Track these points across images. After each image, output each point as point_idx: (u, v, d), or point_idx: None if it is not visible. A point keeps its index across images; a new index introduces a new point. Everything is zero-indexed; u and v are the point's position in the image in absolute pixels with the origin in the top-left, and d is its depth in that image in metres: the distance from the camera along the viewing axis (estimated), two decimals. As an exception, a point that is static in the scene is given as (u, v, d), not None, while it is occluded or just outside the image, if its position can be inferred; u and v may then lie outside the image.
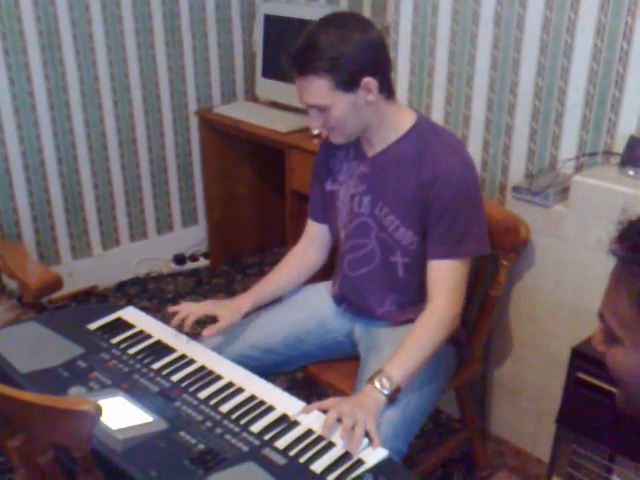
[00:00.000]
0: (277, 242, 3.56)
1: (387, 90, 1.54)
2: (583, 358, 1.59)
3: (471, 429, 2.02)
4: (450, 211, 1.54)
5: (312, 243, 1.82)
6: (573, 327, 1.76)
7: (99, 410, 1.04)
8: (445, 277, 1.56)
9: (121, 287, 3.22)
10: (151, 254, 3.32)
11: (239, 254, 3.50)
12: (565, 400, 1.65)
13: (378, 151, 1.62)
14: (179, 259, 3.41)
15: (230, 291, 3.19)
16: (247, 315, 1.71)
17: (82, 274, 3.06)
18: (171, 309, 1.67)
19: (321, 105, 1.50)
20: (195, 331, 1.66)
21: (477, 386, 2.08)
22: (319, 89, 1.47)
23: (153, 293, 3.18)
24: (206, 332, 1.59)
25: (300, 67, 1.48)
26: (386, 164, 1.61)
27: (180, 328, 1.62)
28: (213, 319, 1.65)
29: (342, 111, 1.50)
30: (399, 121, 1.59)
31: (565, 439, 1.69)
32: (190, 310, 1.63)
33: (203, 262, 3.44)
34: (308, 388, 2.10)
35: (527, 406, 1.98)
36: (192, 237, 3.45)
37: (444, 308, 1.55)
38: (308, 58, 1.46)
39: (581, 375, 1.59)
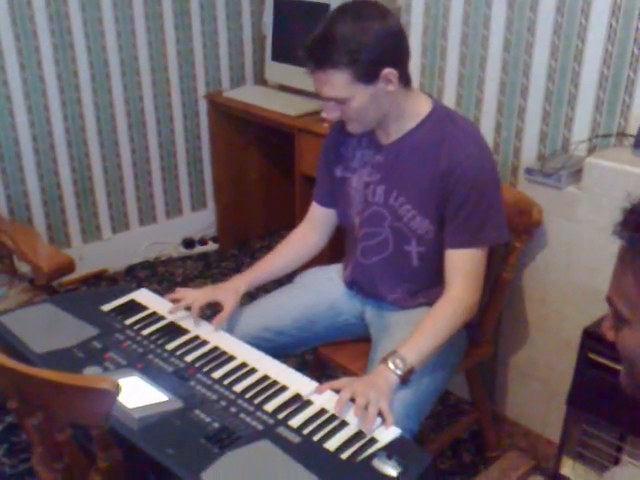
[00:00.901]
0: (285, 226, 3.56)
1: (405, 79, 1.52)
2: (594, 339, 1.60)
3: (481, 410, 2.03)
4: (469, 200, 1.52)
5: (314, 226, 1.81)
6: (585, 309, 1.77)
7: (118, 388, 1.05)
8: (464, 266, 1.55)
9: (131, 271, 3.24)
10: (160, 238, 3.33)
11: (248, 238, 3.51)
12: (576, 381, 1.66)
13: (394, 140, 1.60)
14: (188, 243, 3.42)
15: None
16: (244, 296, 1.71)
17: (92, 258, 3.07)
18: (169, 297, 1.67)
19: (340, 98, 1.47)
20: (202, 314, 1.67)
21: (487, 368, 2.09)
22: (338, 82, 1.44)
23: (163, 276, 3.20)
24: (215, 322, 1.60)
25: (318, 60, 1.44)
26: (402, 153, 1.59)
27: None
28: (215, 305, 1.66)
29: (361, 103, 1.48)
30: (416, 109, 1.57)
31: (575, 419, 1.71)
32: (193, 298, 1.63)
33: (212, 246, 3.45)
34: (318, 369, 2.11)
35: (537, 387, 1.99)
36: (201, 221, 3.46)
37: (463, 296, 1.54)
38: (326, 51, 1.42)
39: (592, 356, 1.60)
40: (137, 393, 1.34)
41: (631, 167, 1.62)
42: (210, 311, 1.79)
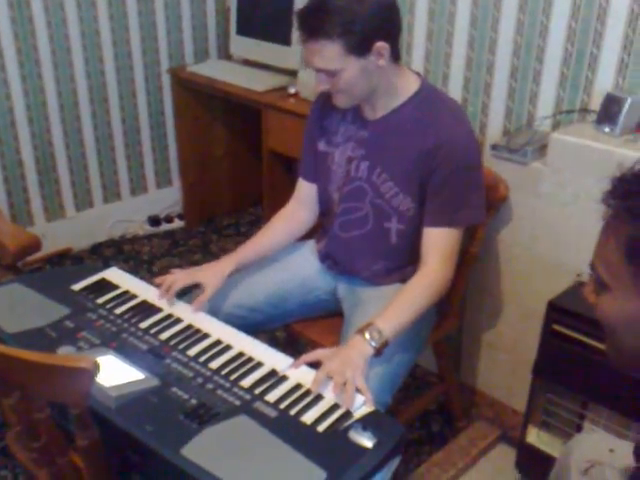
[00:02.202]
0: (252, 202, 3.56)
1: (395, 54, 1.52)
2: (559, 311, 1.65)
3: (448, 382, 2.08)
4: (452, 180, 1.54)
5: (302, 203, 1.80)
6: (548, 281, 1.81)
7: (97, 367, 1.05)
8: (441, 243, 1.57)
9: (96, 249, 3.20)
10: (125, 216, 3.29)
11: (214, 215, 3.49)
12: (541, 351, 1.71)
13: (380, 116, 1.60)
14: (154, 220, 3.39)
15: (206, 252, 3.20)
16: (231, 276, 1.71)
17: (56, 236, 3.03)
18: (158, 280, 1.65)
19: (331, 70, 1.47)
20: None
21: (453, 340, 2.14)
22: (331, 53, 1.44)
23: (129, 255, 3.17)
24: (195, 305, 1.58)
25: (312, 30, 1.43)
26: (388, 129, 1.59)
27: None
28: (197, 285, 1.64)
29: (352, 76, 1.47)
30: (404, 86, 1.57)
31: (540, 389, 1.77)
32: (174, 279, 1.62)
33: (178, 223, 3.43)
34: (290, 345, 2.14)
35: (503, 358, 2.05)
36: (167, 198, 3.43)
37: (438, 272, 1.56)
38: (320, 21, 1.41)
39: (556, 327, 1.66)
40: (113, 372, 1.34)
41: (594, 142, 1.66)
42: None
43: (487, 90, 2.01)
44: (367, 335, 1.44)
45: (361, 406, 1.31)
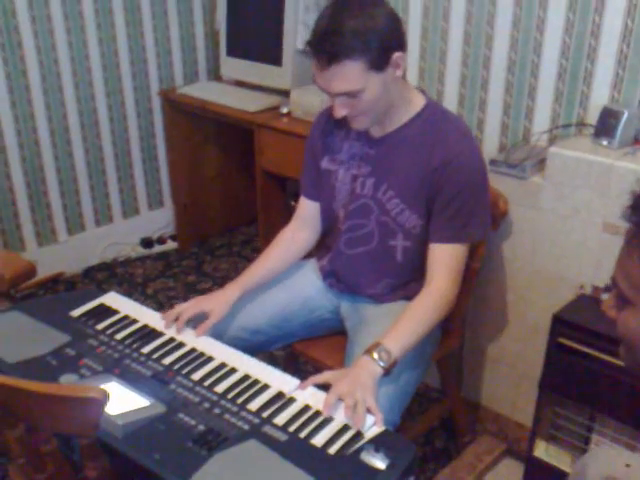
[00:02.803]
0: (245, 222, 3.55)
1: (404, 66, 1.51)
2: (564, 324, 1.65)
3: (452, 397, 2.07)
4: (459, 196, 1.53)
5: (304, 223, 1.78)
6: (550, 294, 1.82)
7: (107, 396, 1.03)
8: (447, 260, 1.56)
9: (89, 273, 3.17)
10: (118, 238, 3.27)
11: (207, 235, 3.47)
12: (547, 365, 1.71)
13: (386, 133, 1.59)
14: (147, 242, 3.37)
15: (200, 273, 3.18)
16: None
17: (48, 261, 2.99)
18: (165, 315, 1.62)
19: (353, 90, 1.44)
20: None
21: (455, 355, 2.13)
22: (353, 74, 1.41)
23: (122, 278, 3.14)
24: (198, 332, 1.57)
25: (331, 54, 1.40)
26: (395, 146, 1.59)
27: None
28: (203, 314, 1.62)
29: (375, 92, 1.46)
30: (410, 102, 1.57)
31: (547, 402, 1.76)
32: (182, 308, 1.61)
33: (171, 245, 3.40)
34: (291, 365, 2.12)
35: (506, 372, 2.04)
36: (159, 220, 3.41)
37: (444, 290, 1.55)
38: (338, 42, 1.39)
39: (562, 340, 1.65)
40: (118, 399, 1.32)
41: (593, 156, 1.67)
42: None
43: (482, 106, 2.02)
44: (375, 355, 1.43)
45: (371, 426, 1.30)
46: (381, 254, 1.66)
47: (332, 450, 1.23)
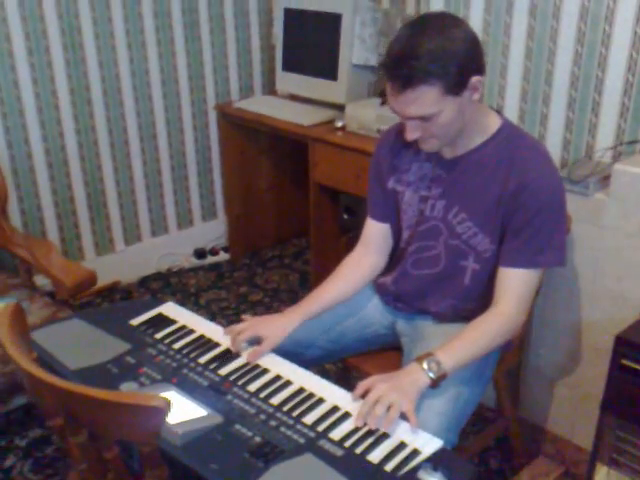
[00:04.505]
0: (296, 234, 3.57)
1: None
2: (627, 345, 1.59)
3: (508, 416, 2.02)
4: (535, 221, 1.47)
5: (371, 246, 1.73)
6: (612, 315, 1.77)
7: (169, 405, 1.04)
8: (518, 285, 1.50)
9: (144, 282, 3.23)
10: (172, 249, 3.33)
11: (259, 247, 3.51)
12: (609, 387, 1.65)
13: (459, 154, 1.55)
14: (200, 253, 3.42)
15: (252, 284, 3.20)
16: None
17: (105, 270, 3.05)
18: (226, 330, 1.62)
19: (428, 115, 1.40)
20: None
21: (512, 374, 2.09)
22: (429, 99, 1.36)
23: (176, 287, 3.19)
24: (249, 358, 1.52)
25: (407, 79, 1.35)
26: (467, 168, 1.54)
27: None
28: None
29: (450, 117, 1.41)
30: (486, 124, 1.52)
31: (609, 425, 1.70)
32: (240, 328, 1.59)
33: (223, 256, 3.45)
34: (342, 379, 2.10)
35: (565, 393, 1.99)
36: (212, 231, 3.46)
37: (511, 315, 1.50)
38: (416, 67, 1.34)
39: (625, 362, 1.60)
40: (176, 408, 1.33)
41: (660, 173, 1.63)
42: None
43: (543, 121, 1.98)
44: (425, 365, 1.40)
45: (406, 432, 1.30)
46: (448, 276, 1.62)
47: (388, 467, 1.22)
